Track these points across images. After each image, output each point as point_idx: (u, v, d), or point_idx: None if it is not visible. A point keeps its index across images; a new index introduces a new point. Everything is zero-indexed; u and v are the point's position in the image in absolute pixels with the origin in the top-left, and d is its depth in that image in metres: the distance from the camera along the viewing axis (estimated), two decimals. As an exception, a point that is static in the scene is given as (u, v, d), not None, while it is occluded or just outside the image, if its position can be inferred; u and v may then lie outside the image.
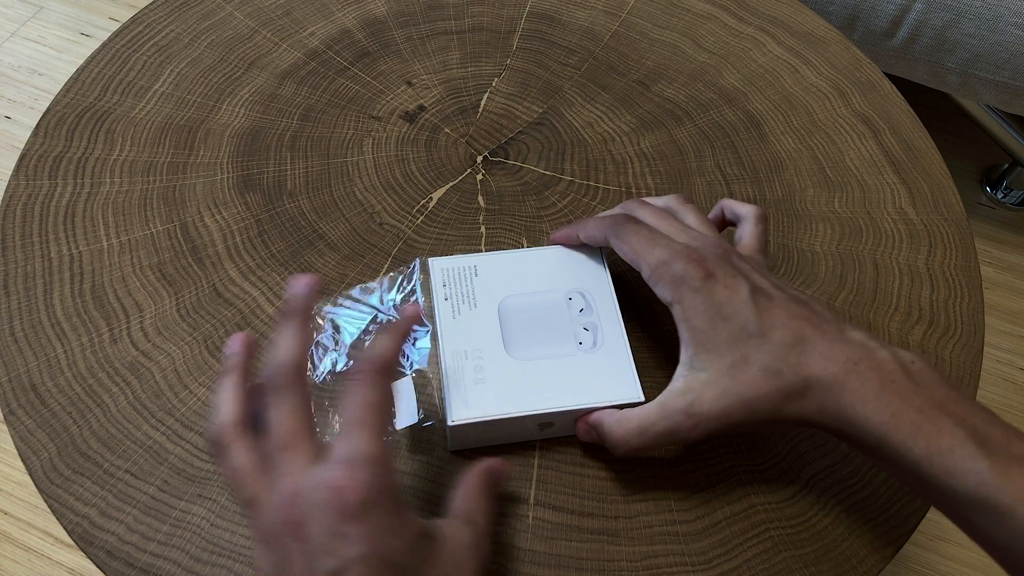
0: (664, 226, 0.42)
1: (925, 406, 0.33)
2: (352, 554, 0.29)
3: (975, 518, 0.32)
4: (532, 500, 0.42)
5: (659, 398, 0.38)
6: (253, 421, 0.35)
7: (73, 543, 0.55)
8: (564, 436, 0.44)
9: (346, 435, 0.32)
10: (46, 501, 0.42)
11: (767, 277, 0.39)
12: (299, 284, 0.37)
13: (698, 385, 0.37)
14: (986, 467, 0.31)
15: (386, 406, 0.34)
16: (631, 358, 0.42)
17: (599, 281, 0.45)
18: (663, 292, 0.39)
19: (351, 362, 0.45)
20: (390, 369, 0.35)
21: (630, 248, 0.41)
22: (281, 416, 0.33)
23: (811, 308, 0.38)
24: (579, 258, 0.46)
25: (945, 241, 0.54)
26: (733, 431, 0.38)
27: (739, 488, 0.43)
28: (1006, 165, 1.28)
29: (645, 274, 0.40)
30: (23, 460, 0.43)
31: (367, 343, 0.45)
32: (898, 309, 0.51)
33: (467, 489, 0.37)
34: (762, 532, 0.42)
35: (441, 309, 0.43)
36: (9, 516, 0.94)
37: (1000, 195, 1.28)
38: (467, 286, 0.44)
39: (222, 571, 0.39)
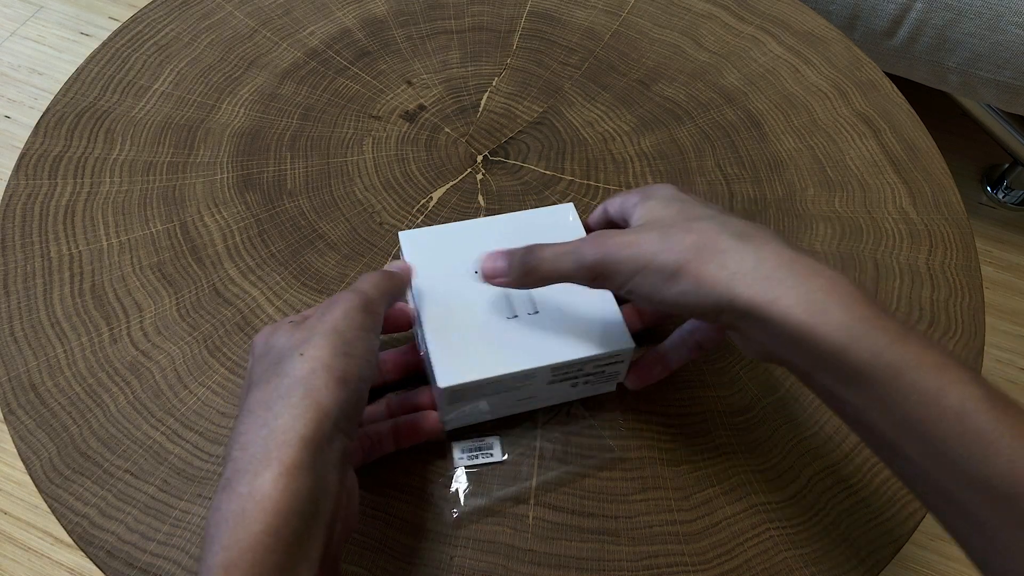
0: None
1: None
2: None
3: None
4: (532, 500, 0.42)
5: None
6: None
7: (73, 543, 0.55)
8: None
9: (326, 305, 0.36)
10: (46, 501, 0.42)
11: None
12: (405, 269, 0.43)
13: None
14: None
15: (377, 296, 0.38)
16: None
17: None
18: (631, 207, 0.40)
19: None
20: (398, 282, 0.41)
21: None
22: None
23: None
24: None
25: (946, 241, 0.54)
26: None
27: (739, 488, 0.43)
28: (1007, 165, 1.28)
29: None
30: (23, 460, 0.43)
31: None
32: (899, 309, 0.51)
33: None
34: (762, 532, 0.42)
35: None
36: (9, 516, 0.94)
37: (1001, 195, 1.28)
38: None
39: (222, 571, 0.39)
